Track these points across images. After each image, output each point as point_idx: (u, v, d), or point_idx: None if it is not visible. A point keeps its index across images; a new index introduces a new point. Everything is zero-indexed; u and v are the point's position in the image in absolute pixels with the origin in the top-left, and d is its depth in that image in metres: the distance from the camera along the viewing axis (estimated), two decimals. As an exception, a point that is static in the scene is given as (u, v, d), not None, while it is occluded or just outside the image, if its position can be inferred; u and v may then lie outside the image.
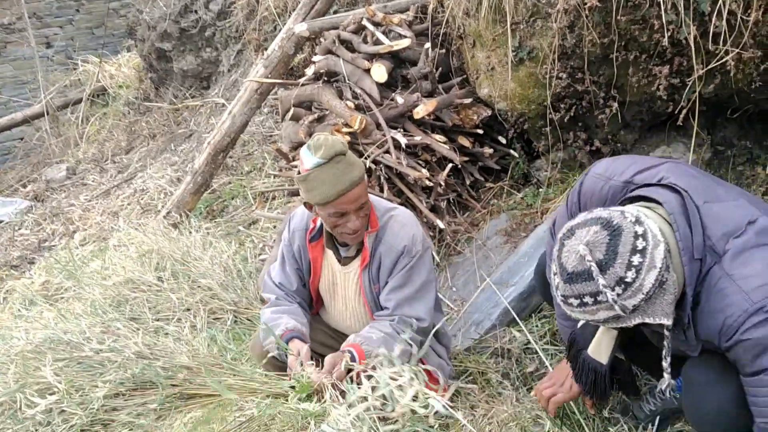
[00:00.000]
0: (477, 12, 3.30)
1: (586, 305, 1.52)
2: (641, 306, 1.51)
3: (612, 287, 1.47)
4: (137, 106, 8.50)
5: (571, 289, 1.53)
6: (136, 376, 3.02)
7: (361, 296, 2.45)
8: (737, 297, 1.48)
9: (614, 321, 1.55)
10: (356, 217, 2.19)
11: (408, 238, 2.33)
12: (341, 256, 2.44)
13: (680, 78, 2.88)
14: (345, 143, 2.19)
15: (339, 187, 2.10)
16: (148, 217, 5.25)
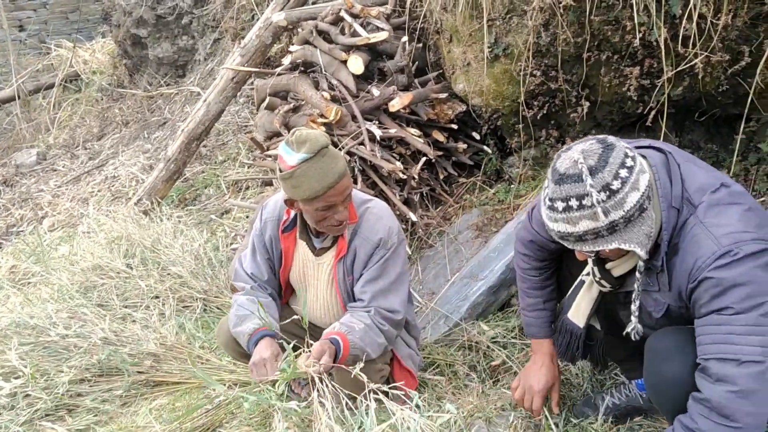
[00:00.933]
0: (454, 7, 3.32)
1: (571, 209, 1.56)
2: (620, 226, 1.55)
3: (598, 190, 1.53)
4: (111, 93, 8.38)
5: (559, 190, 1.57)
6: (102, 362, 3.01)
7: (334, 287, 2.45)
8: (708, 241, 1.57)
9: (592, 239, 1.58)
10: (343, 209, 2.20)
11: (384, 231, 2.34)
12: (315, 247, 2.44)
13: (650, 79, 2.93)
14: (327, 136, 2.18)
15: (328, 180, 2.09)
16: (118, 204, 5.19)
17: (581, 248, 1.63)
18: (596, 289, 1.96)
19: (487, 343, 2.91)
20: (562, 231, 1.60)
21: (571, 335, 2.03)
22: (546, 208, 1.63)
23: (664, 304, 1.74)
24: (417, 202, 3.77)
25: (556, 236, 1.65)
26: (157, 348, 3.08)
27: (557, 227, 1.61)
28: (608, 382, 2.54)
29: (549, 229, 1.65)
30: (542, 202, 1.65)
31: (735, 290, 1.51)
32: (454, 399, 2.63)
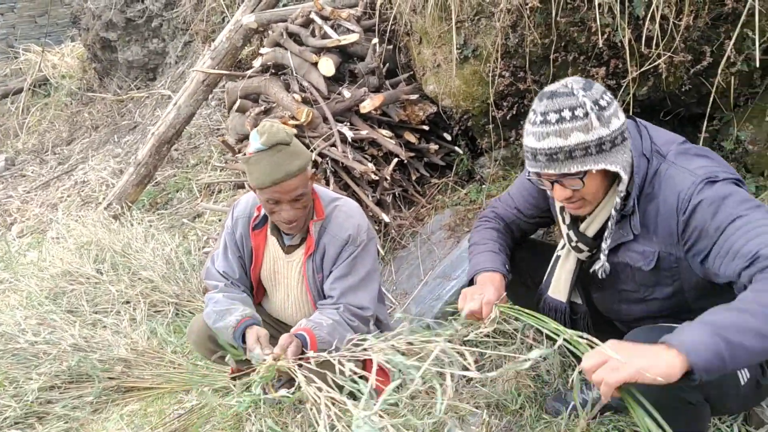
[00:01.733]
0: (423, 9, 3.34)
1: (564, 120, 1.57)
2: (606, 145, 1.59)
3: (591, 102, 1.57)
4: (80, 97, 8.26)
5: (552, 103, 1.59)
6: (72, 369, 2.98)
7: (304, 285, 2.45)
8: (685, 175, 1.62)
9: (581, 156, 1.59)
10: (290, 208, 2.20)
11: (353, 228, 2.35)
12: (285, 244, 2.44)
13: (616, 80, 2.98)
14: (291, 134, 2.19)
15: (274, 175, 2.11)
16: (88, 209, 5.13)
17: (569, 168, 1.60)
18: (573, 258, 1.92)
19: (461, 342, 2.92)
20: (553, 146, 1.59)
21: (556, 312, 1.99)
22: (536, 126, 1.62)
23: (653, 253, 1.71)
24: (389, 203, 3.78)
25: (544, 158, 1.61)
26: (128, 353, 3.05)
27: (547, 143, 1.60)
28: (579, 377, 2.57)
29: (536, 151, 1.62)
30: (530, 123, 1.65)
31: (729, 200, 1.54)
32: (428, 398, 2.64)
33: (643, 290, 1.80)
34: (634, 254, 1.75)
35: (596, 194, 1.69)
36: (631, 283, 1.82)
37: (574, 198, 1.69)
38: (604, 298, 1.96)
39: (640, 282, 1.78)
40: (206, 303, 2.45)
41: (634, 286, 1.82)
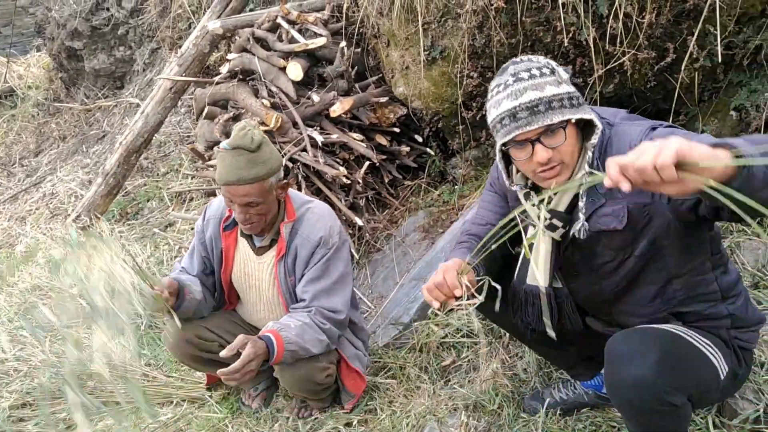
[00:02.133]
0: (390, 11, 3.33)
1: (535, 77, 1.61)
2: (575, 101, 1.63)
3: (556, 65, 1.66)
4: (47, 107, 8.11)
5: (521, 66, 1.65)
6: (44, 386, 2.92)
7: (276, 288, 2.44)
8: (633, 128, 1.67)
9: (558, 107, 1.60)
10: (240, 211, 2.22)
11: (325, 230, 2.35)
12: (255, 246, 2.42)
13: (583, 78, 3.00)
14: (258, 142, 2.18)
15: (228, 177, 2.15)
16: (57, 221, 5.03)
17: (551, 119, 1.59)
18: (548, 240, 1.87)
19: (437, 344, 2.93)
20: (533, 98, 1.59)
21: (541, 299, 1.94)
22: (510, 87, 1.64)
23: (622, 209, 1.69)
24: (363, 206, 3.77)
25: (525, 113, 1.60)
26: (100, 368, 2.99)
27: (527, 97, 1.60)
28: (555, 375, 2.59)
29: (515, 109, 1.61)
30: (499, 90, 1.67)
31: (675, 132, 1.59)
32: (407, 402, 2.63)
33: (621, 255, 1.77)
34: (605, 218, 1.73)
35: (573, 153, 1.68)
36: (608, 252, 1.78)
37: (554, 160, 1.66)
38: (582, 284, 1.92)
39: (617, 246, 1.75)
40: None
41: (611, 255, 1.78)
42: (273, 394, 2.85)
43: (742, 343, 1.80)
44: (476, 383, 2.62)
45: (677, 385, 1.59)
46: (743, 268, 2.70)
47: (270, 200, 2.25)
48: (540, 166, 1.67)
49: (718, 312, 1.77)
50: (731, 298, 1.78)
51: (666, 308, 1.79)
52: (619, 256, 1.76)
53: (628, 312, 1.85)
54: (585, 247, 1.80)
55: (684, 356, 1.66)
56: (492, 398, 2.49)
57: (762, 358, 2.26)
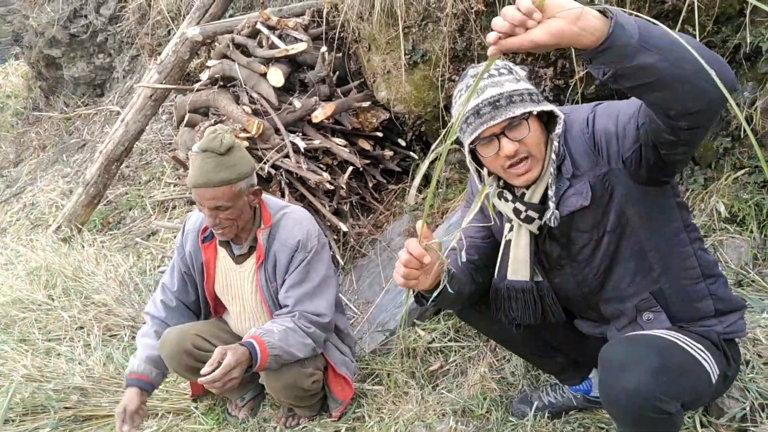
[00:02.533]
0: (370, 16, 3.32)
1: (494, 76, 1.69)
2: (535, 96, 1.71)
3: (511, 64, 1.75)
4: (26, 117, 8.02)
5: (478, 69, 1.74)
6: (26, 401, 2.89)
7: (258, 295, 2.41)
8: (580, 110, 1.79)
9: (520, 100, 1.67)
10: (210, 215, 2.20)
11: (302, 233, 2.33)
12: (235, 255, 2.40)
13: (564, 79, 3.01)
14: (228, 145, 2.17)
15: (197, 179, 2.15)
16: (38, 232, 4.96)
17: (513, 111, 1.65)
18: (525, 234, 1.89)
19: (425, 348, 2.92)
20: (494, 94, 1.66)
21: (523, 293, 1.94)
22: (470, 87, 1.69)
23: (583, 186, 1.73)
24: (347, 211, 3.76)
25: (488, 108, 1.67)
26: (83, 381, 2.97)
27: (488, 93, 1.67)
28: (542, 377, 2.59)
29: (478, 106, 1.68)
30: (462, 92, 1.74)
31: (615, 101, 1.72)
32: (395, 408, 2.62)
33: (595, 234, 1.79)
34: (572, 198, 1.76)
35: (539, 145, 1.72)
36: (583, 235, 1.80)
37: (520, 153, 1.69)
38: (566, 278, 1.93)
39: (589, 226, 1.78)
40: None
41: (586, 237, 1.80)
42: (260, 403, 2.82)
43: (730, 335, 1.80)
44: (464, 388, 2.61)
45: (672, 393, 1.59)
46: (727, 266, 2.71)
47: (240, 205, 2.23)
48: (508, 159, 1.70)
49: (701, 293, 1.78)
50: (711, 278, 1.80)
51: (648, 286, 1.80)
52: (594, 235, 1.79)
53: (614, 299, 1.86)
54: (561, 236, 1.83)
55: (678, 364, 1.65)
56: (480, 402, 2.49)
57: (747, 356, 2.27)
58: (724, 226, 2.84)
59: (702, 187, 2.99)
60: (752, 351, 2.33)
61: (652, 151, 1.57)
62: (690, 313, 1.79)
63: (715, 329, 1.78)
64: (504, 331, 2.14)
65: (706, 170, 3.07)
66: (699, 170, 3.09)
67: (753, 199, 2.80)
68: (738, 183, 2.92)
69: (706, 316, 1.79)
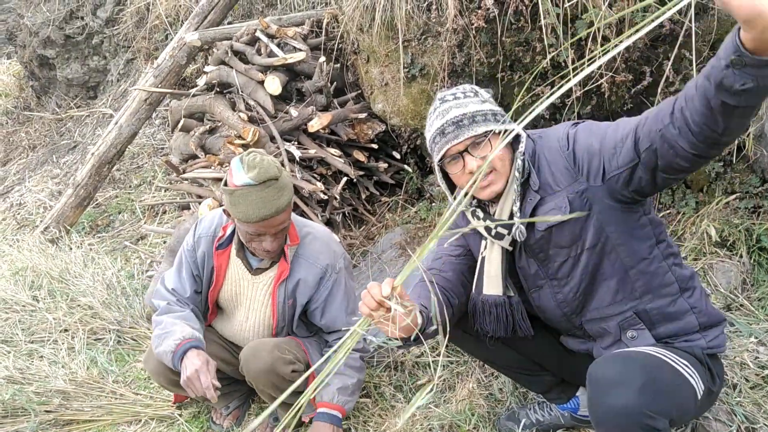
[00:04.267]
0: (370, 28, 3.34)
1: (459, 98, 1.80)
2: (499, 117, 1.79)
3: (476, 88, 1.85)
4: (16, 116, 7.95)
5: (446, 92, 1.84)
6: (6, 403, 2.84)
7: (270, 309, 2.39)
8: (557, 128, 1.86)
9: (483, 119, 1.76)
10: (273, 240, 2.17)
11: (330, 256, 2.37)
12: (252, 266, 2.38)
13: (561, 99, 3.03)
14: (280, 167, 2.13)
15: (263, 212, 2.07)
16: (24, 233, 4.90)
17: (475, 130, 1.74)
18: (497, 250, 1.92)
19: (413, 362, 2.90)
20: (457, 114, 1.76)
21: (496, 307, 1.98)
22: (438, 110, 1.82)
23: (563, 201, 1.77)
24: (339, 222, 3.75)
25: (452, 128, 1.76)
26: (66, 385, 2.92)
27: (452, 114, 1.77)
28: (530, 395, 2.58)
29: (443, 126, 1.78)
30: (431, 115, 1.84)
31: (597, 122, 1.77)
32: (381, 421, 2.60)
33: (573, 251, 1.81)
34: (551, 213, 1.79)
35: (503, 161, 1.79)
36: (561, 252, 1.83)
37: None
38: (546, 296, 1.95)
39: (567, 242, 1.80)
40: (153, 327, 2.38)
41: (564, 254, 1.83)
42: (245, 413, 2.79)
43: (713, 350, 1.83)
44: (452, 403, 2.60)
45: (660, 410, 1.60)
46: (716, 290, 2.73)
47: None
48: (472, 175, 1.76)
49: (681, 308, 1.81)
50: (688, 291, 1.83)
51: (631, 305, 1.83)
52: (572, 252, 1.82)
53: (596, 318, 1.89)
54: (538, 252, 1.86)
55: (666, 380, 1.67)
56: (468, 418, 2.47)
57: (734, 380, 2.28)
58: (715, 250, 2.86)
59: (693, 211, 3.02)
60: (739, 375, 2.34)
61: (649, 173, 1.59)
62: (674, 329, 1.82)
63: (699, 344, 1.81)
64: (489, 350, 2.15)
65: (698, 194, 3.10)
66: (691, 194, 3.11)
67: (743, 224, 2.83)
68: (729, 208, 2.95)
69: (690, 332, 1.82)
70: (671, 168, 1.53)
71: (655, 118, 1.53)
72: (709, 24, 2.73)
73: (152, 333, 2.35)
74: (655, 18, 1.13)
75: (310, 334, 2.55)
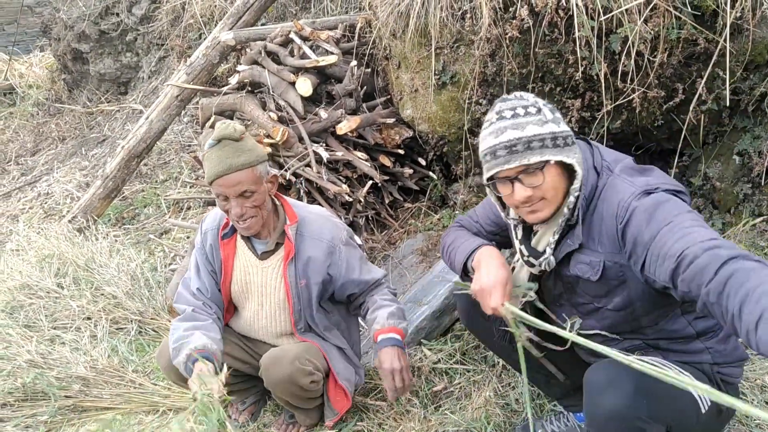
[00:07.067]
0: (403, 34, 3.36)
1: (518, 116, 1.64)
2: (560, 141, 1.65)
3: (543, 104, 1.68)
4: (47, 108, 8.10)
5: (507, 104, 1.67)
6: (27, 386, 2.87)
7: (284, 291, 2.40)
8: (626, 186, 1.68)
9: (539, 147, 1.62)
10: (236, 204, 2.18)
11: (332, 230, 2.39)
12: (258, 252, 2.40)
13: (591, 112, 3.03)
14: (241, 131, 2.19)
15: (218, 168, 2.13)
16: (51, 222, 4.98)
17: (529, 159, 1.62)
18: (525, 271, 1.93)
19: (430, 368, 2.90)
20: (512, 138, 1.62)
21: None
22: (494, 125, 1.67)
23: (598, 263, 1.73)
24: (362, 225, 3.77)
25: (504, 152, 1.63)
26: (86, 371, 2.95)
27: (506, 136, 1.63)
28: (547, 407, 2.57)
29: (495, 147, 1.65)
30: (486, 127, 1.71)
31: (663, 207, 1.59)
32: (396, 425, 2.60)
33: (596, 302, 1.82)
34: (582, 266, 1.77)
35: (556, 192, 1.70)
36: (586, 296, 1.83)
37: (534, 198, 1.68)
38: (563, 311, 1.95)
39: (593, 294, 1.80)
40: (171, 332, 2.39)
41: (588, 299, 1.83)
42: (261, 408, 2.80)
43: (725, 377, 1.81)
44: (468, 411, 2.59)
45: (653, 415, 1.60)
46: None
47: (262, 191, 2.22)
48: (520, 203, 1.71)
49: (695, 347, 1.80)
50: (707, 335, 1.81)
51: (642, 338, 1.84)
52: (596, 302, 1.82)
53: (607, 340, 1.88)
54: (567, 282, 1.85)
55: (661, 386, 1.62)
56: (483, 426, 2.47)
57: (755, 402, 2.26)
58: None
59: (720, 232, 3.00)
60: (759, 398, 2.32)
61: (678, 296, 1.55)
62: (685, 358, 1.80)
63: (707, 359, 1.80)
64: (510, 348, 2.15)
65: (725, 215, 3.08)
66: (718, 215, 3.09)
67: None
68: (756, 230, 2.92)
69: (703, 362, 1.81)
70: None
71: (697, 276, 1.43)
72: (744, 44, 2.72)
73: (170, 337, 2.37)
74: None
75: (331, 325, 2.55)
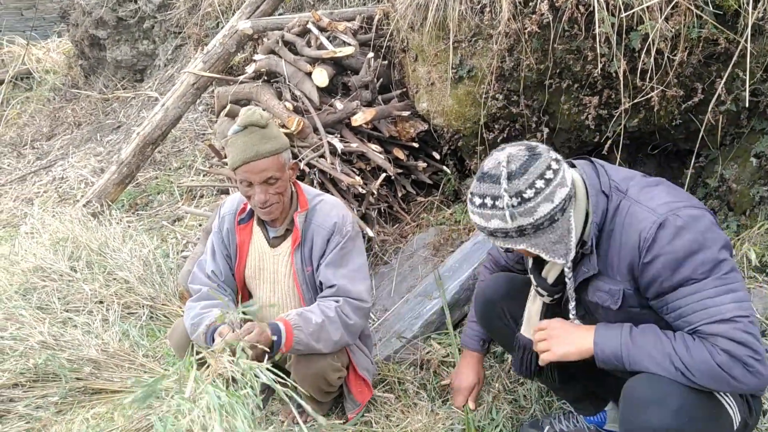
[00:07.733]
0: (421, 27, 3.35)
1: (485, 207, 1.64)
2: (528, 231, 1.64)
3: (510, 196, 1.59)
4: (64, 93, 8.14)
5: (479, 187, 1.66)
6: (39, 367, 2.89)
7: (293, 278, 2.42)
8: (646, 214, 1.64)
9: (503, 236, 1.66)
10: (261, 191, 2.19)
11: (338, 217, 2.36)
12: (270, 237, 2.42)
13: (608, 110, 3.01)
14: (267, 118, 2.21)
15: (245, 154, 2.14)
16: (65, 206, 5.01)
17: (494, 242, 1.70)
18: (539, 300, 1.97)
19: (438, 362, 2.90)
20: (477, 224, 1.68)
21: (524, 350, 2.03)
22: (468, 200, 1.71)
23: (618, 291, 1.74)
24: (375, 218, 3.76)
25: (500, 233, 1.67)
26: (98, 354, 2.97)
27: (474, 218, 1.69)
28: (556, 404, 2.56)
29: (491, 232, 1.69)
30: (474, 208, 1.71)
31: (690, 260, 1.57)
32: (403, 417, 2.60)
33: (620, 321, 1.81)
34: (601, 293, 1.78)
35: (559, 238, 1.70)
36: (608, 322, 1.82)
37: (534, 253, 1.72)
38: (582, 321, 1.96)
39: (615, 320, 1.79)
40: (185, 312, 2.41)
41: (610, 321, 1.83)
42: (269, 396, 2.81)
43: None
44: (475, 405, 2.59)
45: None
46: (754, 315, 2.68)
47: (286, 178, 2.25)
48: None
49: None
50: None
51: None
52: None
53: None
54: (588, 307, 1.87)
55: (702, 406, 1.62)
56: (491, 422, 2.47)
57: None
58: (754, 275, 2.81)
59: (734, 234, 2.97)
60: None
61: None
62: None
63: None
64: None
65: (740, 217, 3.05)
66: (733, 216, 3.07)
67: (786, 250, 2.78)
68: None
69: None
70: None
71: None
72: (765, 46, 2.68)
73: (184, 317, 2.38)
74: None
75: None
